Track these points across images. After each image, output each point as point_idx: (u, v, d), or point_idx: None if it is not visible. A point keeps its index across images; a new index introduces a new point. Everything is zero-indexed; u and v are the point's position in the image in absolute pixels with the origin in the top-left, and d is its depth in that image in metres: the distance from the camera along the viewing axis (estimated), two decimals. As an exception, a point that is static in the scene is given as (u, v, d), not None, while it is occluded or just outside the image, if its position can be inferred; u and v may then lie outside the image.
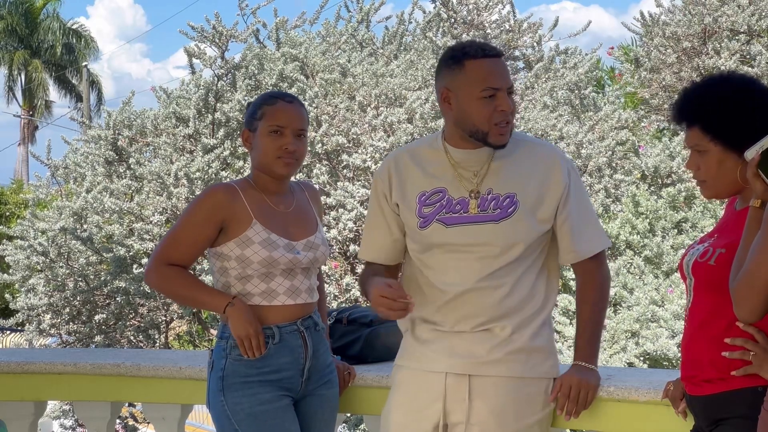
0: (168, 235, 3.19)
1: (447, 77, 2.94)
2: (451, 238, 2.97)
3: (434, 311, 3.01)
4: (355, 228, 9.01)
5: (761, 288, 2.22)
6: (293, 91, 9.84)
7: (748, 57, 12.09)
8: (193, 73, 10.68)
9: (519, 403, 2.97)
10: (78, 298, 9.91)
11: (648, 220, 8.78)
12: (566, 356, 7.58)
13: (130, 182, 9.94)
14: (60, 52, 42.61)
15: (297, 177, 7.64)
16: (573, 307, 8.15)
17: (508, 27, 12.16)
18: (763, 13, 12.20)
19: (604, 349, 7.72)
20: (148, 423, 7.02)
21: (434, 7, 11.99)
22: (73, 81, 43.35)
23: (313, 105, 9.65)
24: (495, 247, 2.93)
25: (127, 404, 9.46)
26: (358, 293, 8.89)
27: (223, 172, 9.65)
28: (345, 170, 9.50)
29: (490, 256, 2.95)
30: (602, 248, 3.05)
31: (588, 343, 3.03)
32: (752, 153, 2.29)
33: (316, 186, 5.97)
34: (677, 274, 7.88)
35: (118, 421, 8.06)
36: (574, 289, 8.38)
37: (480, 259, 2.95)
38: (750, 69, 11.54)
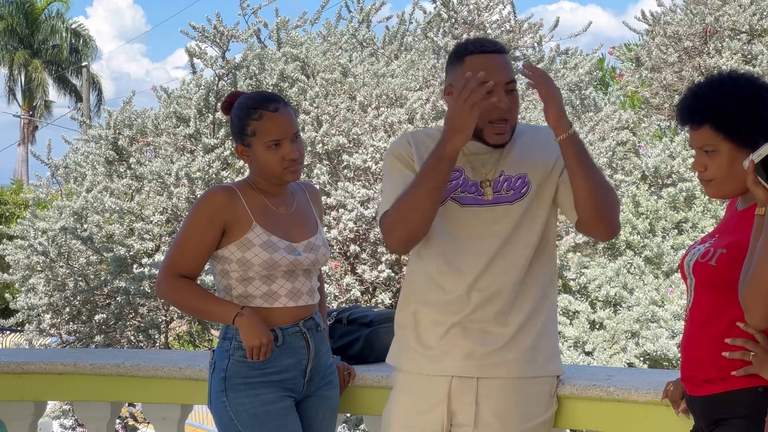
0: (174, 245, 3.18)
1: (450, 74, 2.95)
2: (466, 219, 2.91)
3: (442, 303, 2.94)
4: (356, 228, 9.01)
5: None
6: (294, 91, 9.84)
7: (749, 56, 12.09)
8: (194, 72, 10.68)
9: (524, 405, 2.95)
10: (78, 298, 9.91)
11: (648, 221, 8.78)
12: (566, 357, 7.58)
13: (130, 182, 9.94)
14: (60, 52, 42.61)
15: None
16: (573, 307, 8.14)
17: (508, 27, 12.15)
18: (765, 13, 12.19)
19: (604, 349, 7.72)
20: (148, 423, 7.02)
21: (434, 8, 11.99)
22: (73, 81, 43.36)
23: (314, 105, 9.65)
24: (509, 227, 2.89)
25: (127, 404, 9.46)
26: (358, 293, 8.89)
27: (224, 171, 9.65)
28: (345, 170, 9.50)
29: (503, 238, 2.91)
30: None
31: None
32: (748, 162, 2.29)
33: (317, 186, 5.96)
34: (677, 275, 7.89)
35: (118, 421, 8.07)
36: (574, 289, 8.39)
37: (492, 243, 2.90)
38: (751, 68, 11.54)
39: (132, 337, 9.90)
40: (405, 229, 2.86)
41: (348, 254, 9.10)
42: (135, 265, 9.51)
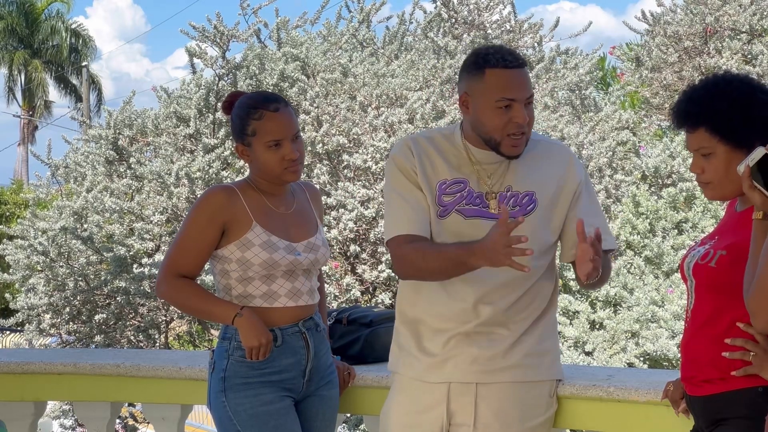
0: (174, 245, 3.18)
1: (467, 82, 2.91)
2: (469, 231, 2.87)
3: (447, 314, 2.93)
4: (356, 228, 9.01)
5: None
6: (294, 91, 9.83)
7: (749, 56, 12.09)
8: (194, 72, 10.68)
9: (524, 407, 2.95)
10: (78, 298, 9.91)
11: (648, 221, 8.78)
12: (566, 357, 7.58)
13: (130, 182, 9.94)
14: (60, 52, 42.60)
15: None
16: (573, 307, 8.14)
17: (508, 27, 12.16)
18: (765, 13, 12.20)
19: (604, 350, 7.72)
20: (148, 423, 7.02)
21: (435, 8, 11.99)
22: (73, 81, 43.36)
23: (314, 105, 9.65)
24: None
25: (127, 404, 9.46)
26: (358, 293, 8.89)
27: (224, 171, 9.65)
28: (345, 170, 9.50)
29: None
30: (608, 248, 2.93)
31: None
32: (742, 167, 2.28)
33: (317, 186, 5.96)
34: (677, 274, 7.88)
35: (118, 421, 8.07)
36: (574, 289, 8.38)
37: None
38: (752, 69, 11.54)
39: (132, 337, 9.90)
40: (416, 275, 2.93)
41: (348, 254, 9.10)
42: (135, 265, 9.51)
